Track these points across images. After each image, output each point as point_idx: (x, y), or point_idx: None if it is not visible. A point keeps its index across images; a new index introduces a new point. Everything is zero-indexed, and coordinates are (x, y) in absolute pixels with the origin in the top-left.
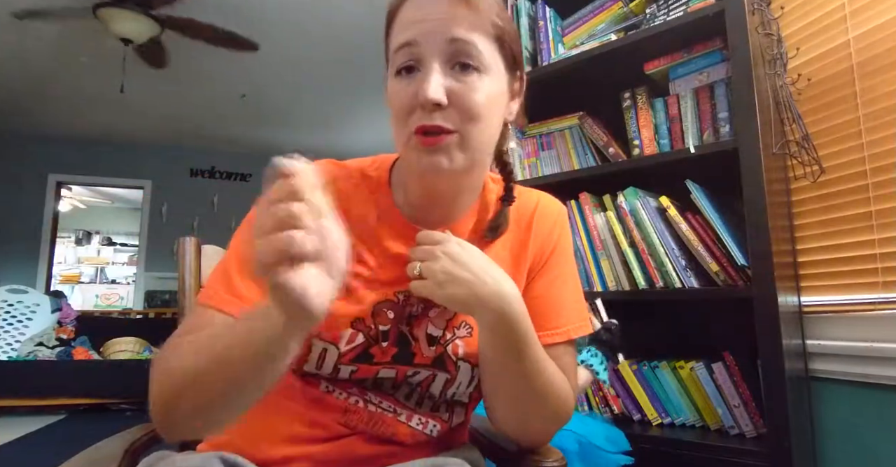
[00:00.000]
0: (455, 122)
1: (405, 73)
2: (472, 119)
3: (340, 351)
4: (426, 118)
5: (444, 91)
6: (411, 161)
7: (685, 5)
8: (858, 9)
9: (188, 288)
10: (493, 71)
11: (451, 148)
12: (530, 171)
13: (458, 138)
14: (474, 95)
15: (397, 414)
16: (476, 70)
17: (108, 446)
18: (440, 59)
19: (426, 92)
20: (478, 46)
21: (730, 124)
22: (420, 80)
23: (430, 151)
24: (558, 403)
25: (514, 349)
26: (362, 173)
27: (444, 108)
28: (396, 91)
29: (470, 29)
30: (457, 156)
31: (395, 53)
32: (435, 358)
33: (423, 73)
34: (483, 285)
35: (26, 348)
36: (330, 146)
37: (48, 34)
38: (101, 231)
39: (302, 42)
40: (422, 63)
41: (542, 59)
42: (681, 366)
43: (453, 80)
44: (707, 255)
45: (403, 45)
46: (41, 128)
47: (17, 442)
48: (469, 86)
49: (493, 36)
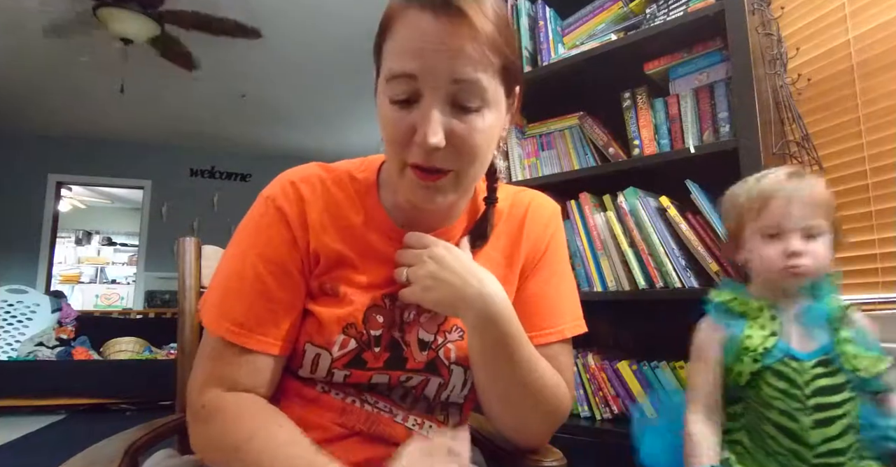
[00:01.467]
0: (452, 162)
1: (402, 104)
2: (471, 160)
3: (333, 357)
4: (423, 158)
5: (443, 134)
6: (404, 189)
7: (685, 5)
8: (858, 9)
9: (188, 288)
10: (493, 104)
11: (446, 187)
12: (530, 171)
13: (454, 177)
14: (475, 136)
15: (394, 415)
16: (478, 108)
17: (107, 446)
18: (441, 97)
19: (426, 136)
20: (482, 84)
21: (730, 124)
22: (419, 117)
23: (425, 188)
24: (553, 402)
25: (502, 349)
26: (350, 176)
27: (440, 149)
28: (392, 120)
29: (475, 67)
30: (450, 194)
31: (392, 80)
32: (427, 363)
33: (423, 110)
34: (467, 287)
35: (26, 348)
36: (330, 146)
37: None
38: (101, 231)
39: (302, 42)
40: (420, 95)
41: (542, 59)
42: (681, 366)
43: (454, 119)
44: (707, 255)
45: (401, 76)
46: (41, 129)
47: (17, 442)
48: (470, 126)
49: (497, 67)
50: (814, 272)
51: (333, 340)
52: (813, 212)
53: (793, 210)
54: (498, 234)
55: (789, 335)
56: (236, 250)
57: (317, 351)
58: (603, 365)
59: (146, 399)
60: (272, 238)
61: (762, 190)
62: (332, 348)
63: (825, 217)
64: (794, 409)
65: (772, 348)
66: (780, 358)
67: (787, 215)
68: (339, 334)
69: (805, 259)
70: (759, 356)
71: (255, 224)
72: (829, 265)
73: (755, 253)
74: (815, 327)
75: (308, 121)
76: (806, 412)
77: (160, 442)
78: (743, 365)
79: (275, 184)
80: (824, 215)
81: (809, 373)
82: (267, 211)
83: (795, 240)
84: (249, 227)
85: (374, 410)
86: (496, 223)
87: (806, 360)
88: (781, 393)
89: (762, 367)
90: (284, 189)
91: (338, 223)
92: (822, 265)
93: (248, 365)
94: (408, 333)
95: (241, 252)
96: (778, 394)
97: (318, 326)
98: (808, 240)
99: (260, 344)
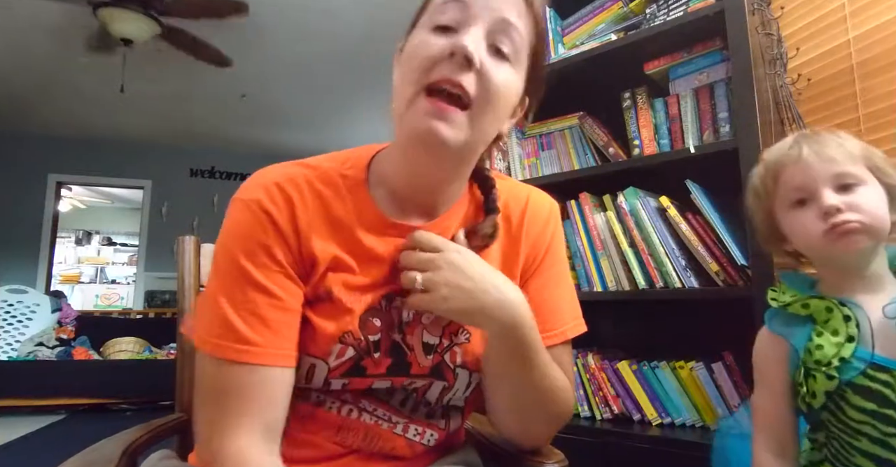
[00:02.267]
0: (474, 93)
1: (442, 31)
2: (489, 97)
3: (330, 367)
4: (452, 70)
5: (479, 56)
6: (410, 125)
7: (685, 5)
8: (858, 9)
9: (188, 288)
10: (519, 67)
11: (457, 121)
12: (530, 171)
13: (468, 116)
14: (500, 78)
15: (393, 424)
16: (508, 59)
17: (106, 446)
18: (486, 29)
19: (467, 44)
20: (520, 34)
21: (730, 124)
22: (460, 36)
23: (435, 116)
24: (561, 406)
25: (522, 357)
26: (339, 173)
27: (470, 72)
28: (425, 41)
29: (519, 17)
30: (459, 131)
31: (441, 6)
32: (432, 367)
33: (465, 31)
34: (487, 295)
35: (26, 348)
36: (330, 146)
37: (49, 34)
38: (101, 231)
39: (302, 42)
40: (464, 25)
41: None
42: (681, 366)
43: (488, 54)
44: (707, 255)
45: (452, 2)
46: (41, 129)
47: (17, 442)
48: (498, 67)
49: (532, 42)
50: (869, 228)
51: (329, 350)
52: (840, 160)
53: (811, 165)
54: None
55: (873, 338)
56: (225, 262)
57: (312, 361)
58: (603, 365)
59: (146, 399)
60: (264, 243)
61: (769, 162)
62: (328, 358)
63: (860, 161)
64: (888, 435)
65: (850, 358)
66: (863, 370)
67: (806, 172)
68: (336, 344)
69: (848, 213)
70: (835, 370)
71: (241, 232)
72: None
73: (792, 230)
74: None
75: (308, 122)
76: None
77: (159, 443)
78: (816, 383)
79: (255, 186)
80: (858, 160)
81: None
82: (253, 216)
83: (828, 195)
84: (235, 235)
85: (372, 420)
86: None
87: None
88: (870, 415)
89: (841, 384)
90: (269, 191)
91: (328, 223)
92: (879, 220)
93: (265, 385)
94: (409, 335)
95: (232, 261)
96: (866, 417)
97: (312, 336)
98: (844, 192)
99: (276, 358)
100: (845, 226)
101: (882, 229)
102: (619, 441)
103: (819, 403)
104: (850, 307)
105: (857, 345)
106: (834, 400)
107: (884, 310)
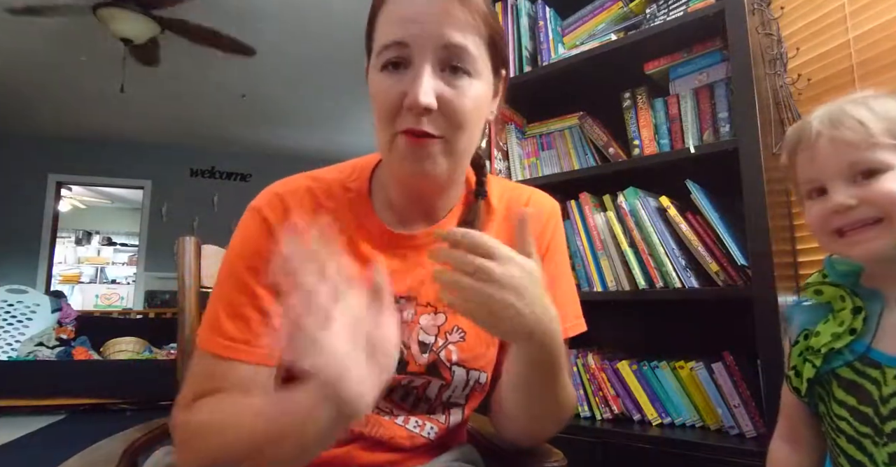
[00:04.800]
0: (442, 128)
1: (392, 69)
2: (460, 125)
3: None
4: (414, 122)
5: (434, 96)
6: (394, 164)
7: (685, 5)
8: (858, 9)
9: (188, 288)
10: (481, 74)
11: (436, 153)
12: (530, 171)
13: (444, 144)
14: (464, 101)
15: (394, 416)
16: (467, 74)
17: (106, 446)
18: (432, 61)
19: (417, 96)
20: (471, 51)
21: (730, 124)
22: (410, 81)
23: (415, 155)
24: (568, 412)
25: (548, 374)
26: (342, 185)
27: (432, 112)
28: (383, 88)
29: (464, 32)
30: (441, 161)
31: (384, 50)
32: (428, 365)
33: (414, 73)
34: (539, 324)
35: (26, 348)
36: (330, 146)
37: (48, 34)
38: (101, 231)
39: (302, 42)
40: (411, 61)
41: (542, 59)
42: (681, 366)
43: (444, 83)
44: (707, 255)
45: (393, 45)
46: (41, 129)
47: (17, 442)
48: (459, 91)
49: (485, 37)
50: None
51: None
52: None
53: (823, 152)
54: (497, 233)
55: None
56: (226, 264)
57: None
58: (603, 366)
59: (146, 399)
60: (258, 248)
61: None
62: None
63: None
64: (862, 436)
65: (843, 349)
66: (850, 362)
67: (817, 161)
68: None
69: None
70: (820, 358)
71: (242, 236)
72: None
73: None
74: None
75: (308, 121)
76: (879, 441)
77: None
78: (804, 369)
79: (262, 195)
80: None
81: (893, 385)
82: (253, 222)
83: (837, 191)
84: (237, 239)
85: (374, 411)
86: (490, 220)
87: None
88: (849, 411)
89: (827, 374)
90: (270, 200)
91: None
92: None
93: (239, 379)
94: (406, 334)
95: (230, 264)
96: (845, 413)
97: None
98: (865, 180)
99: (249, 355)
100: (857, 236)
101: None
102: (619, 441)
103: (804, 391)
104: (863, 298)
105: (856, 338)
106: (820, 390)
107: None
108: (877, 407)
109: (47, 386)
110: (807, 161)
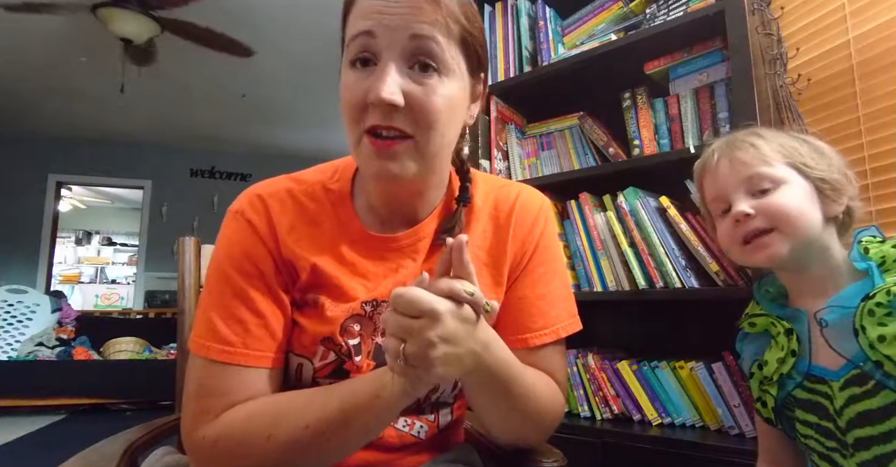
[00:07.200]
0: (411, 127)
1: (360, 65)
2: (429, 125)
3: (315, 367)
4: (380, 118)
5: (400, 92)
6: (362, 165)
7: (685, 5)
8: (858, 9)
9: (188, 287)
10: (454, 73)
11: (403, 155)
12: (530, 171)
13: (412, 145)
14: (433, 99)
15: None
16: (437, 71)
17: (107, 446)
18: (399, 55)
19: (379, 91)
20: (441, 45)
21: (730, 124)
22: (375, 78)
23: (381, 156)
24: (549, 418)
25: (500, 390)
26: (323, 187)
27: (399, 110)
28: (349, 85)
29: (433, 26)
30: (408, 163)
31: (351, 42)
32: None
33: (379, 69)
34: (479, 362)
35: (26, 348)
36: (330, 146)
37: (48, 34)
38: (101, 231)
39: (302, 42)
40: (378, 57)
41: (542, 59)
42: (681, 366)
43: (411, 80)
44: (707, 255)
45: (360, 35)
46: (41, 129)
47: (17, 442)
48: (428, 88)
49: (457, 36)
50: (786, 231)
51: (314, 351)
52: (753, 162)
53: (723, 172)
54: (484, 233)
55: (813, 349)
56: (214, 270)
57: (299, 360)
58: (603, 366)
59: (146, 399)
60: (247, 250)
61: (695, 172)
62: (313, 358)
63: (779, 160)
64: (830, 450)
65: (791, 372)
66: (800, 382)
67: (719, 180)
68: (319, 346)
69: (759, 219)
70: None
71: (228, 240)
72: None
73: (720, 240)
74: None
75: (308, 121)
76: (846, 453)
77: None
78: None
79: (242, 198)
80: (776, 161)
81: (841, 398)
82: (238, 225)
83: (739, 202)
84: (223, 244)
85: None
86: (473, 220)
87: (834, 380)
88: (813, 428)
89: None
90: (252, 202)
91: (311, 236)
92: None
93: (244, 383)
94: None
95: (220, 270)
96: (810, 431)
97: (299, 336)
98: (762, 196)
99: (250, 358)
100: (757, 242)
101: (804, 228)
102: (619, 441)
103: (775, 419)
104: (788, 320)
105: (798, 359)
106: (788, 413)
107: (815, 316)
108: (834, 420)
109: (47, 387)
110: (711, 183)
